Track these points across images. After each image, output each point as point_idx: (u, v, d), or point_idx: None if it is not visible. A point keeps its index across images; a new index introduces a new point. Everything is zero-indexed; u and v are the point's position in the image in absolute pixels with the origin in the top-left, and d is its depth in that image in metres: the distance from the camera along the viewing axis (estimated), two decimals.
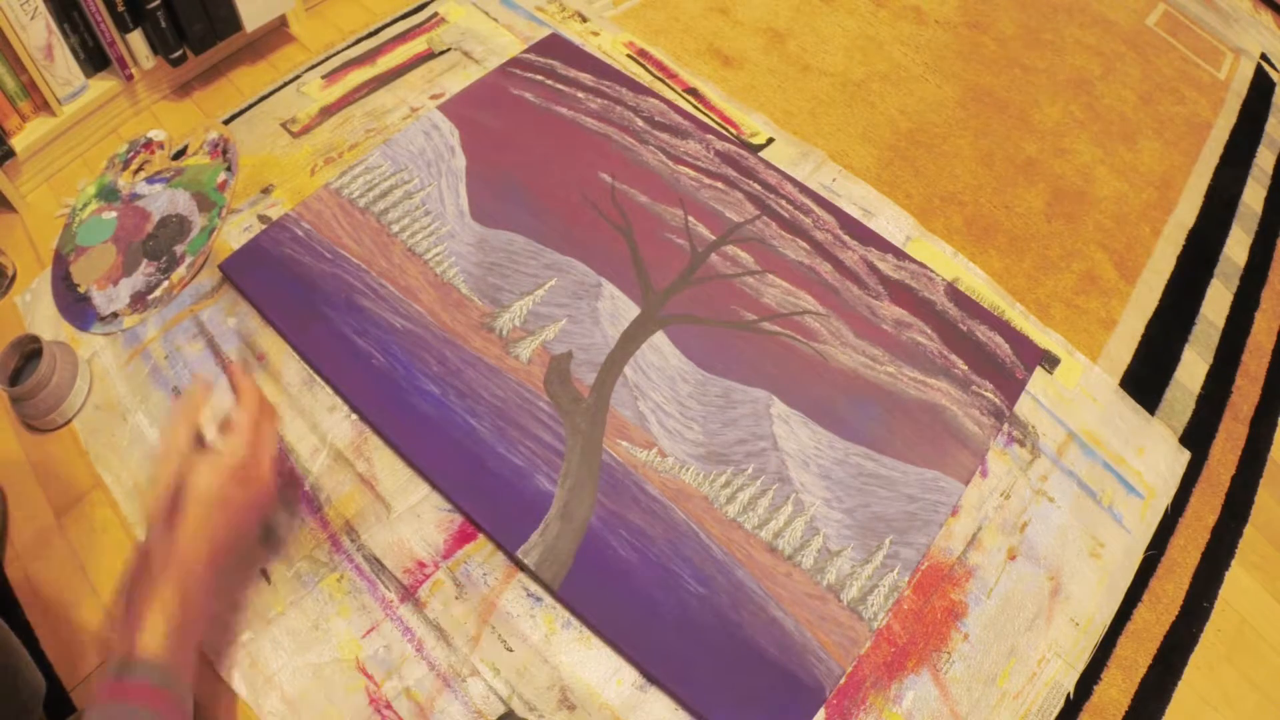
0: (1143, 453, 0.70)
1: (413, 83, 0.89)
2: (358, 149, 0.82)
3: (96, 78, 0.82)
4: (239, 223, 0.76)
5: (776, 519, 0.61)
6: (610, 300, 0.71)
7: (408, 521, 0.60)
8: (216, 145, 0.81)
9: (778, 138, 0.88)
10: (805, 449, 0.65)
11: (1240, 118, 1.02)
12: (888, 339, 0.72)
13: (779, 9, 1.04)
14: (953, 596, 0.61)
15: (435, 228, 0.74)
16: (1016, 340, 0.73)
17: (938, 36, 1.04)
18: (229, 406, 0.51)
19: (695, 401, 0.66)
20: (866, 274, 0.76)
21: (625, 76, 0.89)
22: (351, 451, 0.63)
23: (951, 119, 0.94)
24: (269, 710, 0.52)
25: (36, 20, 0.73)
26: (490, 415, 0.64)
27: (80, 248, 0.74)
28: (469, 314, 0.69)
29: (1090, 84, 1.02)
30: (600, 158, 0.81)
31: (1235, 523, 0.68)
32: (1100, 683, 0.58)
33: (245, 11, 0.86)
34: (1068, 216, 0.87)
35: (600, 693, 0.54)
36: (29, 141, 0.77)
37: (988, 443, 0.67)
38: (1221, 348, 0.79)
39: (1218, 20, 1.16)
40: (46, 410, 0.63)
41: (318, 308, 0.69)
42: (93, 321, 0.70)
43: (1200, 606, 0.63)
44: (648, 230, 0.76)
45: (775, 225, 0.78)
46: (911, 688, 0.57)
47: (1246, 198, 0.93)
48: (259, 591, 0.57)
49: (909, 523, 0.62)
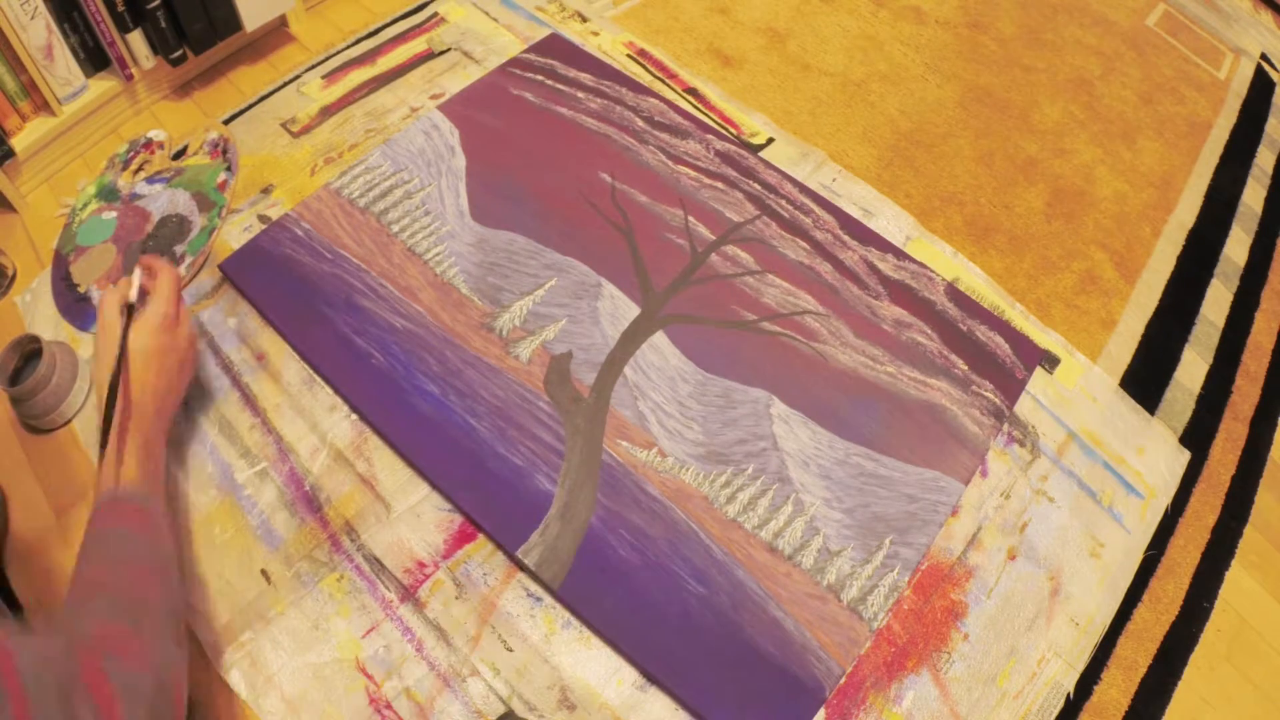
0: (1143, 453, 0.70)
1: (413, 83, 0.89)
2: (358, 149, 0.82)
3: (96, 78, 0.82)
4: (239, 223, 0.76)
5: (776, 519, 0.61)
6: (610, 300, 0.71)
7: (408, 521, 0.60)
8: (216, 145, 0.81)
9: (778, 138, 0.88)
10: (805, 449, 0.65)
11: (1240, 118, 1.02)
12: (888, 339, 0.72)
13: (779, 9, 1.04)
14: (953, 596, 0.61)
15: (435, 228, 0.74)
16: (1016, 340, 0.73)
17: (938, 36, 1.04)
18: (144, 280, 0.59)
19: (695, 401, 0.66)
20: (866, 274, 0.76)
21: (625, 76, 0.89)
22: (351, 451, 0.63)
23: (951, 119, 0.94)
24: (268, 710, 0.52)
25: (36, 20, 0.73)
26: (490, 415, 0.64)
27: (80, 248, 0.74)
28: (469, 314, 0.69)
29: (1090, 84, 1.02)
30: (600, 158, 0.81)
31: (1235, 523, 0.68)
32: (1100, 683, 0.58)
33: (245, 11, 0.86)
34: (1068, 216, 0.87)
35: (600, 693, 0.54)
36: (29, 141, 0.77)
37: (988, 443, 0.67)
38: (1221, 348, 0.79)
39: (1218, 20, 1.16)
40: (46, 410, 0.63)
41: (318, 308, 0.69)
42: (93, 322, 0.70)
43: (1200, 606, 0.63)
44: (648, 230, 0.76)
45: (775, 225, 0.78)
46: (911, 688, 0.57)
47: (1246, 198, 0.93)
48: (259, 591, 0.57)
49: (909, 523, 0.62)
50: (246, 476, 0.62)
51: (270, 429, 0.64)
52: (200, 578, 0.58)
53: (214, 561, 0.58)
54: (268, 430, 0.64)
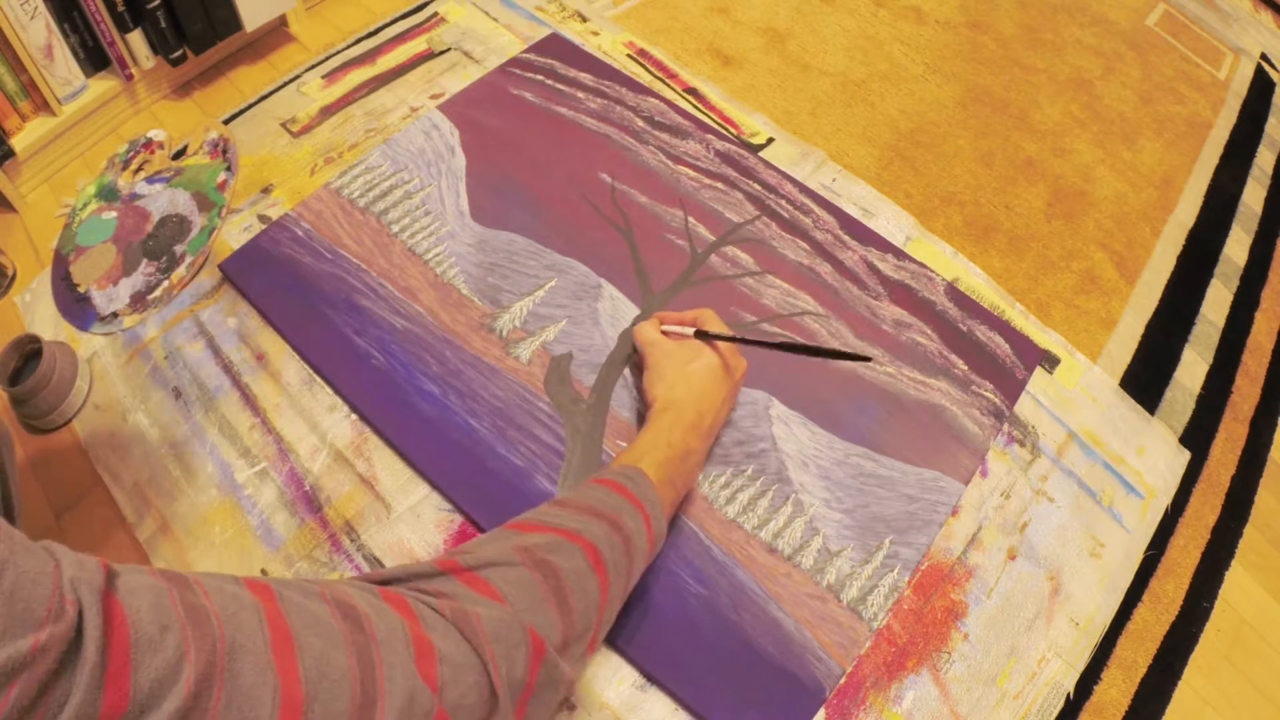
0: (1143, 453, 0.70)
1: (413, 83, 0.89)
2: (358, 149, 0.82)
3: (96, 78, 0.83)
4: (239, 223, 0.76)
5: (776, 519, 0.61)
6: (610, 301, 0.71)
7: (408, 522, 0.60)
8: (216, 145, 0.81)
9: (778, 138, 0.88)
10: (805, 450, 0.65)
11: (1240, 118, 1.02)
12: (887, 339, 0.72)
13: (779, 9, 1.04)
14: (953, 596, 0.61)
15: (435, 228, 0.74)
16: (1016, 340, 0.73)
17: (938, 36, 1.04)
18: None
19: None
20: (866, 274, 0.76)
21: (625, 76, 0.89)
22: (351, 451, 0.63)
23: (951, 119, 0.94)
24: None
25: (36, 20, 0.73)
26: (490, 415, 0.64)
27: (80, 247, 0.74)
28: (469, 314, 0.69)
29: (1090, 84, 1.02)
30: (600, 158, 0.81)
31: (1235, 523, 0.68)
32: (1100, 683, 0.58)
33: (245, 11, 0.86)
34: (1068, 216, 0.87)
35: (600, 693, 0.54)
36: (29, 141, 0.77)
37: (988, 443, 0.67)
38: (1221, 348, 0.79)
39: (1218, 20, 1.16)
40: (46, 410, 0.63)
41: (318, 308, 0.69)
42: (92, 321, 0.70)
43: (1200, 606, 0.63)
44: (648, 231, 0.76)
45: (775, 225, 0.78)
46: (911, 688, 0.57)
47: (1246, 198, 0.93)
48: None
49: (909, 523, 0.62)
50: (246, 476, 0.62)
51: (270, 429, 0.64)
52: None
53: (214, 561, 0.58)
54: (268, 430, 0.64)
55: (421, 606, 0.36)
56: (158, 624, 0.28)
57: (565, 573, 0.41)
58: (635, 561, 0.46)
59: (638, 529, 0.47)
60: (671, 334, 0.61)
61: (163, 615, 0.28)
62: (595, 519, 0.45)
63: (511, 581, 0.39)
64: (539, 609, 0.39)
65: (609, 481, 0.48)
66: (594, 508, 0.46)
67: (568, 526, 0.44)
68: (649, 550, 0.48)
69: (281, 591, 0.32)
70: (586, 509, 0.46)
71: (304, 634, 0.31)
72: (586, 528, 0.44)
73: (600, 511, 0.46)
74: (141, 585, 0.29)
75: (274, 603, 0.31)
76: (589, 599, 0.42)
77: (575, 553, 0.42)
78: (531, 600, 0.39)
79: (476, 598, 0.37)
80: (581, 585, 0.41)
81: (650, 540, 0.48)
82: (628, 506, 0.47)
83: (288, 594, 0.32)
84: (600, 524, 0.45)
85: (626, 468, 0.50)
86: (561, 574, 0.41)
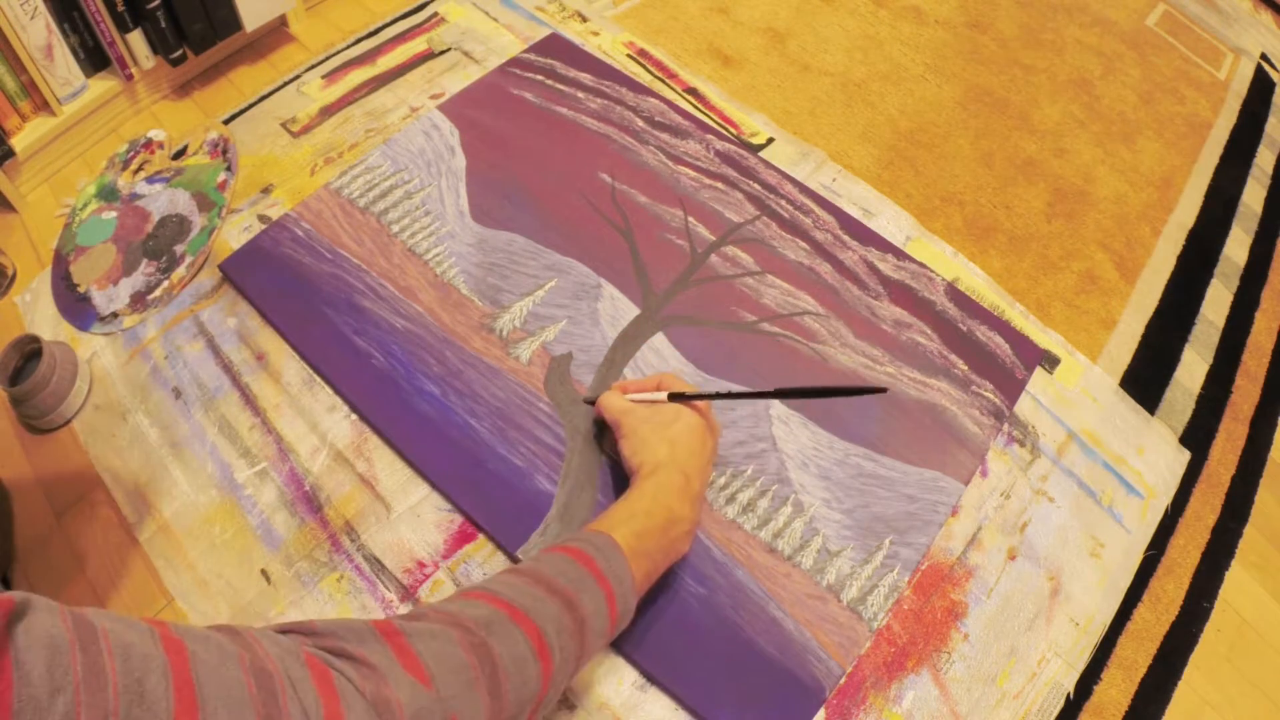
0: (1143, 453, 0.70)
1: (413, 83, 0.89)
2: (358, 149, 0.82)
3: (96, 78, 0.82)
4: (239, 223, 0.76)
5: (776, 520, 0.61)
6: (610, 301, 0.71)
7: (408, 521, 0.60)
8: (216, 145, 0.81)
9: (778, 138, 0.88)
10: (804, 450, 0.65)
11: (1240, 118, 1.02)
12: (888, 339, 0.72)
13: (779, 9, 1.04)
14: (953, 596, 0.61)
15: (435, 228, 0.74)
16: (1016, 340, 0.73)
17: (938, 36, 1.04)
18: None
19: None
20: (866, 274, 0.76)
21: (625, 76, 0.89)
22: (351, 451, 0.63)
23: (951, 119, 0.94)
24: None
25: (36, 20, 0.73)
26: (490, 415, 0.64)
27: (80, 247, 0.74)
28: (469, 314, 0.69)
29: (1090, 84, 1.02)
30: (600, 158, 0.81)
31: (1235, 523, 0.68)
32: (1100, 683, 0.58)
33: (245, 11, 0.86)
34: (1068, 216, 0.87)
35: (600, 693, 0.54)
36: (29, 141, 0.77)
37: (988, 443, 0.67)
38: (1221, 348, 0.79)
39: (1218, 20, 1.16)
40: (46, 410, 0.63)
41: (318, 308, 0.69)
42: (93, 321, 0.70)
43: (1200, 606, 0.63)
44: (648, 231, 0.76)
45: (775, 225, 0.78)
46: (911, 688, 0.57)
47: (1246, 198, 0.93)
48: (259, 591, 0.57)
49: (909, 523, 0.62)
50: (246, 476, 0.62)
51: (270, 429, 0.64)
52: (200, 578, 0.58)
53: (214, 561, 0.58)
54: (268, 430, 0.64)
55: (344, 683, 0.34)
56: (49, 687, 0.25)
57: (501, 659, 0.39)
58: (589, 644, 0.44)
59: (597, 609, 0.44)
60: (640, 400, 0.58)
61: (57, 677, 0.25)
62: (550, 596, 0.43)
63: (442, 660, 0.37)
64: (466, 695, 0.37)
65: (576, 551, 0.46)
66: (551, 582, 0.43)
67: (518, 603, 0.42)
68: (609, 631, 0.46)
69: (197, 652, 0.30)
70: (544, 582, 0.43)
71: (212, 703, 0.29)
72: (537, 607, 0.42)
73: (557, 588, 0.43)
74: (42, 638, 0.26)
75: (186, 666, 0.30)
76: (526, 688, 0.39)
77: (518, 638, 0.40)
78: (460, 685, 0.37)
79: (402, 676, 0.35)
80: (520, 672, 0.39)
81: (612, 621, 0.45)
82: (589, 583, 0.44)
83: (204, 656, 0.31)
84: (554, 603, 0.42)
85: (598, 536, 0.47)
86: (498, 659, 0.39)
